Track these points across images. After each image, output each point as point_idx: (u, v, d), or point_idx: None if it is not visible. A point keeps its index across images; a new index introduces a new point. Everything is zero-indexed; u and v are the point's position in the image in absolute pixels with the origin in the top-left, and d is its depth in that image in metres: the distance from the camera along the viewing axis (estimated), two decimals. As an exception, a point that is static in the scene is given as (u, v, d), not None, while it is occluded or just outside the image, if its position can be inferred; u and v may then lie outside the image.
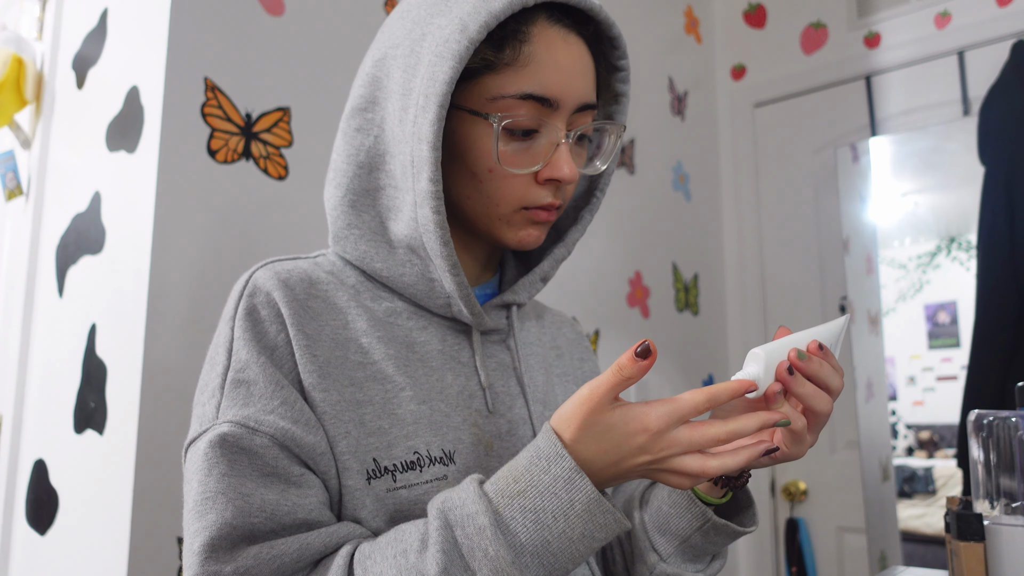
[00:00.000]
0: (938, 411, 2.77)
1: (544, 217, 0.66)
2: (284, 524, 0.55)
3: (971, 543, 0.79)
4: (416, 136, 0.60)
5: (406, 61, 0.63)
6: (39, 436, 1.23)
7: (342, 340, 0.63)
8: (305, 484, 0.57)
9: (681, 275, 2.21)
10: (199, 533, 0.54)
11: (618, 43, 0.69)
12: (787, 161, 2.35)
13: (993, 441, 0.82)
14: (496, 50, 0.61)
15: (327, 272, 0.67)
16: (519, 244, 0.67)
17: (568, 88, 0.63)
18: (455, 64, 0.58)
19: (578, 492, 0.51)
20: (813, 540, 2.19)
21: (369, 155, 0.66)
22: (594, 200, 0.75)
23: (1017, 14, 1.97)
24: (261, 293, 0.62)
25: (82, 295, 1.19)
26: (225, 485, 0.55)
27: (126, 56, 1.18)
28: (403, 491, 0.60)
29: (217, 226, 1.11)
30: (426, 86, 0.60)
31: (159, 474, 1.01)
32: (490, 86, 0.62)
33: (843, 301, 2.20)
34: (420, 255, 0.65)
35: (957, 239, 2.58)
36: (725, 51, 2.50)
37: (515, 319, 0.74)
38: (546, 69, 0.62)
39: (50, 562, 1.14)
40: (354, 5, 1.35)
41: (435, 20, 0.62)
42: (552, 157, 0.63)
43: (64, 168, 1.31)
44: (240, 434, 0.56)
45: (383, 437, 0.61)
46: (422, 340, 0.67)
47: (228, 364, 0.60)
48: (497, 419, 0.68)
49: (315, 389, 0.59)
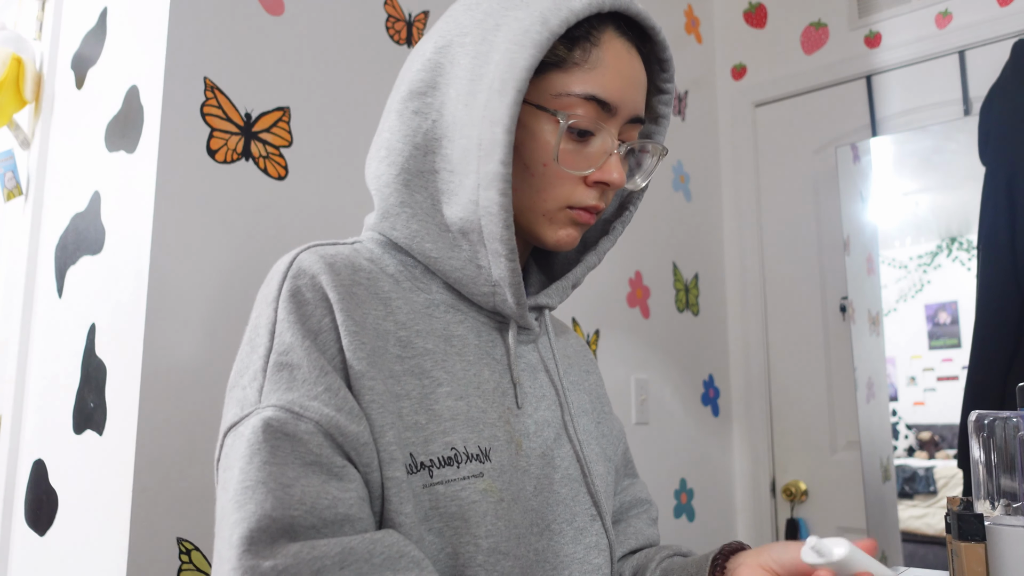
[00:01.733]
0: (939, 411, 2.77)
1: (586, 219, 0.67)
2: (324, 519, 0.53)
3: (972, 543, 0.79)
4: (489, 119, 0.61)
5: (477, 49, 0.64)
6: (39, 436, 1.23)
7: (383, 331, 0.62)
8: (346, 477, 0.55)
9: (681, 275, 2.21)
10: (238, 524, 0.51)
11: (667, 66, 0.72)
12: (787, 161, 2.35)
13: (994, 441, 0.82)
14: (568, 49, 0.64)
15: (367, 260, 0.66)
16: (556, 243, 0.68)
17: (627, 97, 0.66)
18: (536, 52, 0.60)
19: None
20: (814, 540, 2.18)
21: (426, 137, 0.66)
22: (626, 214, 0.77)
23: (1018, 14, 1.97)
24: (306, 275, 0.61)
25: (82, 295, 1.18)
26: (266, 474, 0.52)
27: (125, 56, 1.18)
28: (440, 487, 0.59)
29: (217, 226, 1.11)
30: (503, 71, 0.61)
31: (159, 474, 1.01)
32: (557, 83, 0.64)
33: (843, 301, 2.20)
34: (471, 240, 0.65)
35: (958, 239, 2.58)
36: (725, 51, 2.50)
37: (548, 322, 0.74)
38: (610, 74, 0.64)
39: (50, 562, 1.14)
40: (354, 5, 1.35)
41: (511, 12, 0.64)
42: (605, 162, 0.65)
43: (63, 168, 1.31)
44: (285, 419, 0.54)
45: (420, 432, 0.60)
46: (459, 333, 0.67)
47: (271, 346, 0.58)
48: (525, 419, 0.68)
49: (363, 377, 0.58)
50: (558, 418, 0.71)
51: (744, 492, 2.31)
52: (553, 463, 0.69)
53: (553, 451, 0.69)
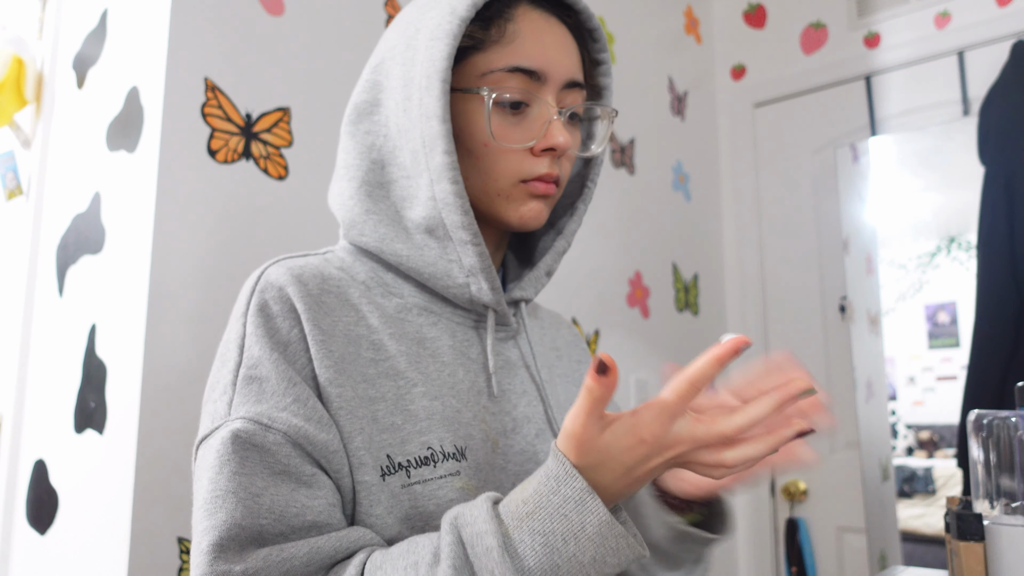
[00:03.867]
0: (938, 411, 2.77)
1: (543, 190, 0.66)
2: (292, 526, 0.55)
3: (971, 543, 0.79)
4: (424, 116, 0.62)
5: (403, 56, 0.66)
6: (39, 436, 1.23)
7: (355, 336, 0.63)
8: (316, 484, 0.57)
9: (681, 275, 2.21)
10: (208, 532, 0.54)
11: (597, 35, 0.72)
12: (787, 161, 2.35)
13: (993, 441, 0.82)
14: (484, 30, 0.65)
15: (337, 268, 0.67)
16: (521, 220, 0.67)
17: (553, 62, 0.66)
18: (451, 41, 0.62)
19: (589, 514, 0.49)
20: (813, 540, 2.19)
21: (381, 152, 0.68)
22: (586, 191, 0.76)
23: (1017, 14, 1.97)
24: (274, 289, 0.62)
25: (82, 295, 1.19)
26: (236, 484, 0.54)
27: (126, 56, 1.18)
28: (417, 486, 0.60)
29: (217, 226, 1.11)
30: (426, 68, 0.63)
31: (159, 474, 1.01)
32: (479, 64, 0.65)
33: (843, 301, 2.20)
34: (438, 236, 0.65)
35: (957, 239, 2.58)
36: (725, 51, 2.50)
37: (524, 315, 0.74)
38: (530, 44, 0.65)
39: (50, 562, 1.14)
40: (354, 5, 1.35)
41: (427, 14, 0.66)
42: (547, 129, 0.65)
43: (64, 168, 1.31)
44: (253, 430, 0.56)
45: (396, 433, 0.61)
46: (432, 336, 0.67)
47: (240, 360, 0.59)
48: (502, 416, 0.68)
49: (331, 384, 0.59)
50: (540, 413, 0.72)
51: (743, 492, 2.31)
52: (536, 458, 0.69)
53: (536, 447, 0.70)
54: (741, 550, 2.29)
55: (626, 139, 2.03)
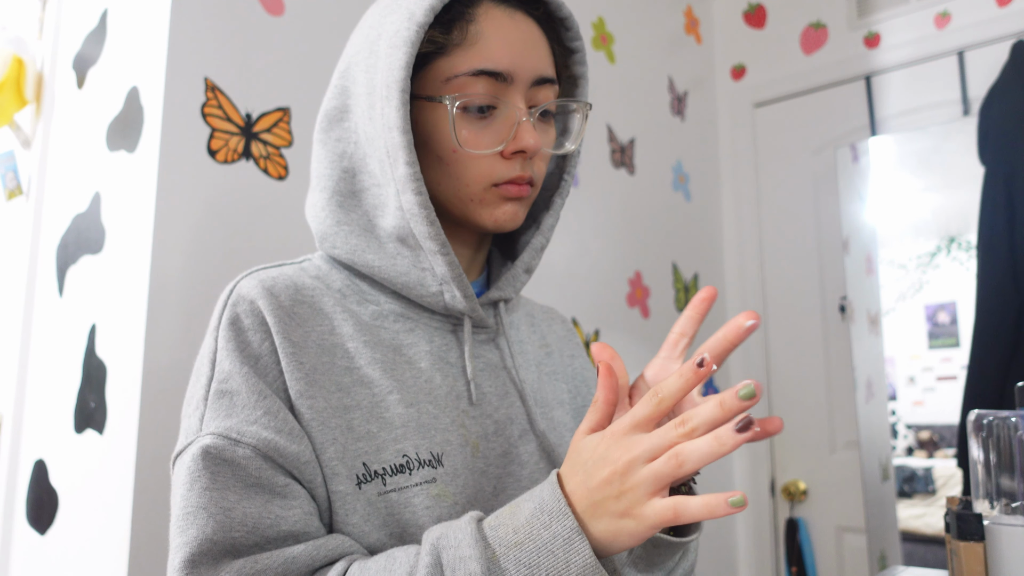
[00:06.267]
0: (938, 411, 2.77)
1: (515, 192, 0.65)
2: (267, 537, 0.55)
3: (971, 543, 0.79)
4: (386, 126, 0.61)
5: (367, 62, 0.65)
6: (39, 436, 1.23)
7: (328, 346, 0.63)
8: (290, 495, 0.57)
9: (681, 275, 2.21)
10: (180, 549, 0.54)
11: (570, 23, 0.70)
12: (787, 161, 2.36)
13: (993, 441, 0.82)
14: (445, 33, 0.63)
15: (313, 277, 0.67)
16: (496, 223, 0.66)
17: (519, 61, 0.64)
18: (408, 49, 0.60)
19: (575, 555, 0.50)
20: (813, 540, 2.19)
21: (352, 160, 0.67)
22: (563, 184, 0.75)
23: (1017, 14, 1.97)
24: (245, 302, 0.62)
25: (82, 295, 1.19)
26: (207, 499, 0.55)
27: (126, 56, 1.18)
28: (393, 494, 0.60)
29: (217, 226, 1.11)
30: (385, 76, 0.62)
31: (159, 474, 1.01)
32: (443, 68, 0.63)
33: (843, 301, 2.20)
34: (409, 244, 0.65)
35: (957, 239, 2.58)
36: (725, 51, 2.50)
37: (503, 316, 0.73)
38: (494, 44, 0.63)
39: (50, 562, 1.14)
40: (354, 5, 1.35)
41: (387, 19, 0.64)
42: (516, 131, 0.64)
43: (64, 168, 1.31)
44: (222, 446, 0.56)
45: (371, 441, 0.61)
46: (409, 342, 0.67)
47: (212, 375, 0.60)
48: (483, 419, 0.68)
49: (302, 397, 0.59)
50: (522, 414, 0.71)
51: (744, 491, 2.31)
52: (519, 460, 0.69)
53: (518, 449, 0.69)
54: (741, 550, 2.29)
55: (626, 139, 2.03)
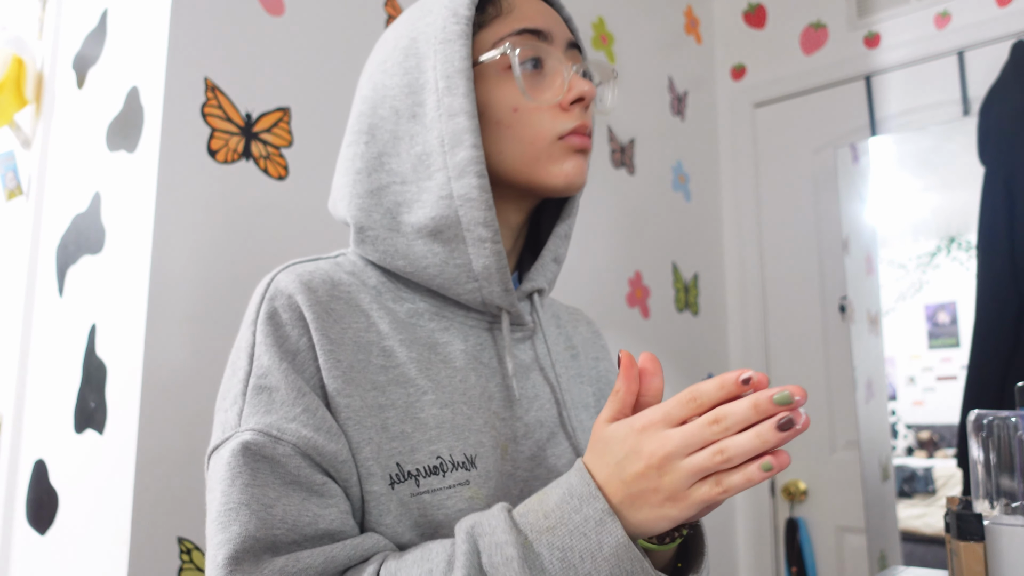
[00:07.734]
0: (938, 411, 2.77)
1: (579, 143, 0.67)
2: (306, 535, 0.55)
3: (971, 543, 0.79)
4: (447, 115, 0.63)
5: (402, 66, 0.66)
6: (39, 436, 1.23)
7: (364, 343, 0.62)
8: (327, 494, 0.57)
9: (681, 275, 2.21)
10: (223, 545, 0.54)
11: (571, 26, 0.74)
12: (787, 161, 2.36)
13: (993, 441, 0.82)
14: (482, 12, 0.67)
15: (348, 273, 0.67)
16: (567, 181, 0.67)
17: (552, 25, 0.68)
18: (464, 41, 0.63)
19: (608, 535, 0.50)
20: (813, 540, 2.19)
21: (364, 160, 0.68)
22: None
23: (1017, 14, 1.97)
24: (283, 296, 0.61)
25: (82, 295, 1.19)
26: (248, 496, 0.55)
27: (126, 56, 1.18)
28: (426, 496, 0.60)
29: (217, 226, 1.11)
30: (443, 71, 0.63)
31: (159, 474, 1.01)
32: (489, 37, 0.66)
33: (843, 301, 2.21)
34: (445, 238, 0.64)
35: (957, 239, 2.59)
36: (725, 51, 2.50)
37: (539, 308, 0.73)
38: (528, 8, 0.68)
39: (50, 562, 1.14)
40: (354, 5, 1.35)
41: (420, 22, 0.67)
42: (570, 81, 0.67)
43: (64, 168, 1.31)
44: (263, 442, 0.56)
45: (406, 442, 0.61)
46: (444, 341, 0.66)
47: (250, 370, 0.59)
48: (513, 422, 0.68)
49: (339, 395, 0.59)
50: (554, 416, 0.71)
51: (743, 491, 2.31)
52: (546, 463, 0.69)
53: (546, 451, 0.69)
54: (741, 550, 2.29)
55: (626, 139, 2.03)
